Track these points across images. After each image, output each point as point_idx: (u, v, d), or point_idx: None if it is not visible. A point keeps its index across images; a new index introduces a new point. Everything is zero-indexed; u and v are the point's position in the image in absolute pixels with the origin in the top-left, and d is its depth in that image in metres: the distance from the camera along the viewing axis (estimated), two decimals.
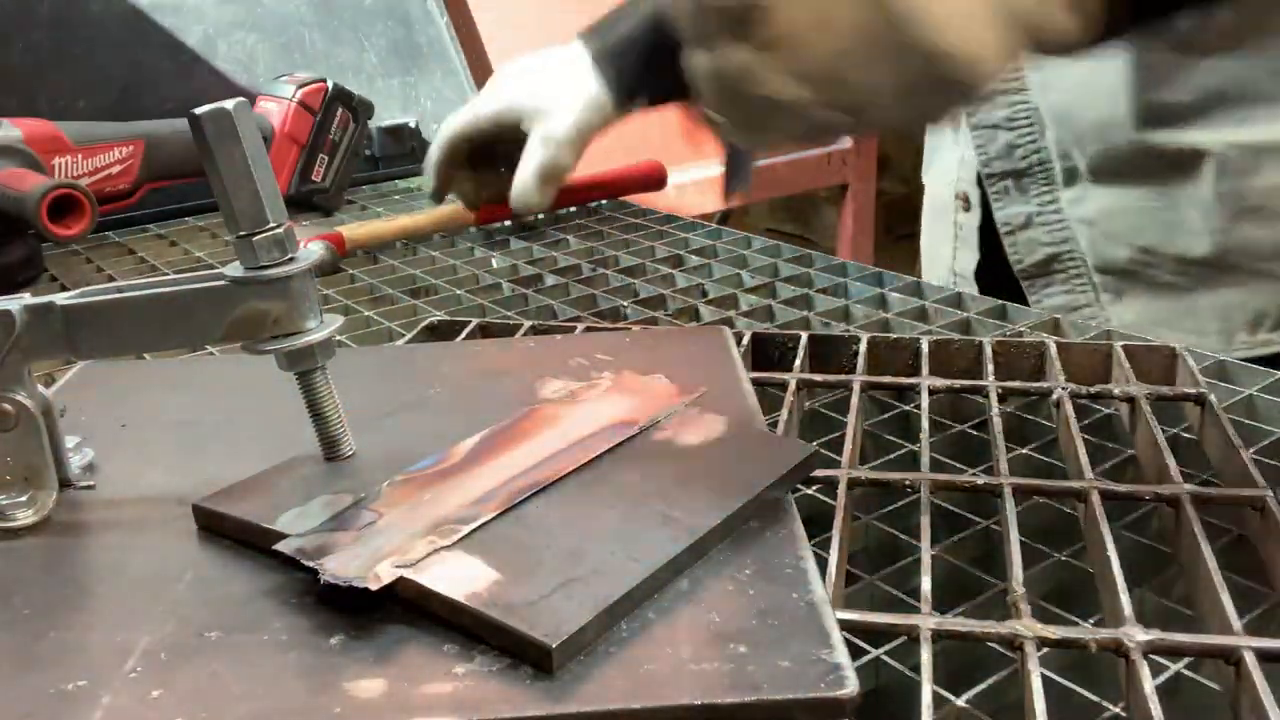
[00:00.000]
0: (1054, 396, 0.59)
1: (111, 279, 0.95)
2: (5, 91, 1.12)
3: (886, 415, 0.64)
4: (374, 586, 0.37)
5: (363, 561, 0.38)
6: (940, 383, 0.61)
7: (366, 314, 0.85)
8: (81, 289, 0.46)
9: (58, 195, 0.86)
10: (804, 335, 0.67)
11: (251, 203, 0.42)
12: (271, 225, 0.43)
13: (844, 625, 0.40)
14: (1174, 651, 0.40)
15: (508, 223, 1.08)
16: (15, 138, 0.95)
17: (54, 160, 0.99)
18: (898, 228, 2.49)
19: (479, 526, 0.40)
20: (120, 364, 0.65)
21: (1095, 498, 0.48)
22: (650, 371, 0.54)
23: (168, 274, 0.72)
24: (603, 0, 1.64)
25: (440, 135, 0.98)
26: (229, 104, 0.41)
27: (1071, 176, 0.90)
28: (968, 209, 0.99)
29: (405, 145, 1.36)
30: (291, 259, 0.43)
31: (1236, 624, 0.40)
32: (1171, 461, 0.51)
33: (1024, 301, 0.96)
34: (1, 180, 0.89)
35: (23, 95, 1.13)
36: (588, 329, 0.71)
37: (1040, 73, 0.86)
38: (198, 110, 0.41)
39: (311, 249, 0.44)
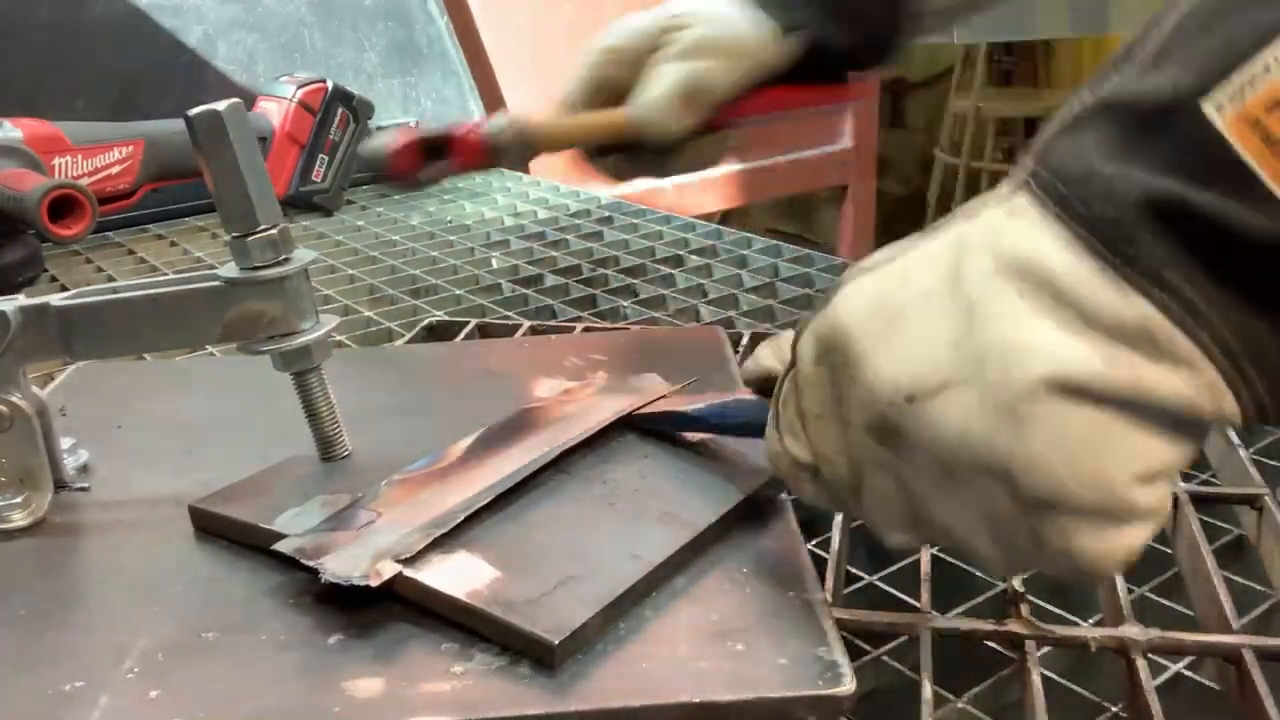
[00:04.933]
0: None
1: (111, 279, 0.95)
2: (5, 91, 1.12)
3: None
4: (375, 583, 0.36)
5: (363, 560, 0.38)
6: None
7: (366, 314, 0.85)
8: (77, 289, 0.46)
9: (58, 195, 0.86)
10: None
11: (243, 204, 0.42)
12: (265, 226, 0.43)
13: (844, 625, 0.39)
14: (1174, 651, 0.40)
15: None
16: (15, 138, 0.95)
17: (54, 160, 0.99)
18: (898, 228, 2.48)
19: (475, 513, 0.40)
20: (117, 364, 0.65)
21: None
22: (645, 371, 0.54)
23: (167, 274, 0.72)
24: (602, 1, 1.63)
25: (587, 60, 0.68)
26: (220, 105, 0.41)
27: None
28: None
29: None
30: (286, 260, 0.43)
31: (1236, 623, 0.40)
32: None
33: None
34: (1, 180, 0.89)
35: (23, 95, 1.13)
36: (587, 329, 0.71)
37: None
38: (190, 112, 0.41)
39: (303, 254, 0.44)
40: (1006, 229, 0.30)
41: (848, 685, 0.33)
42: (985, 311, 0.29)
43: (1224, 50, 0.27)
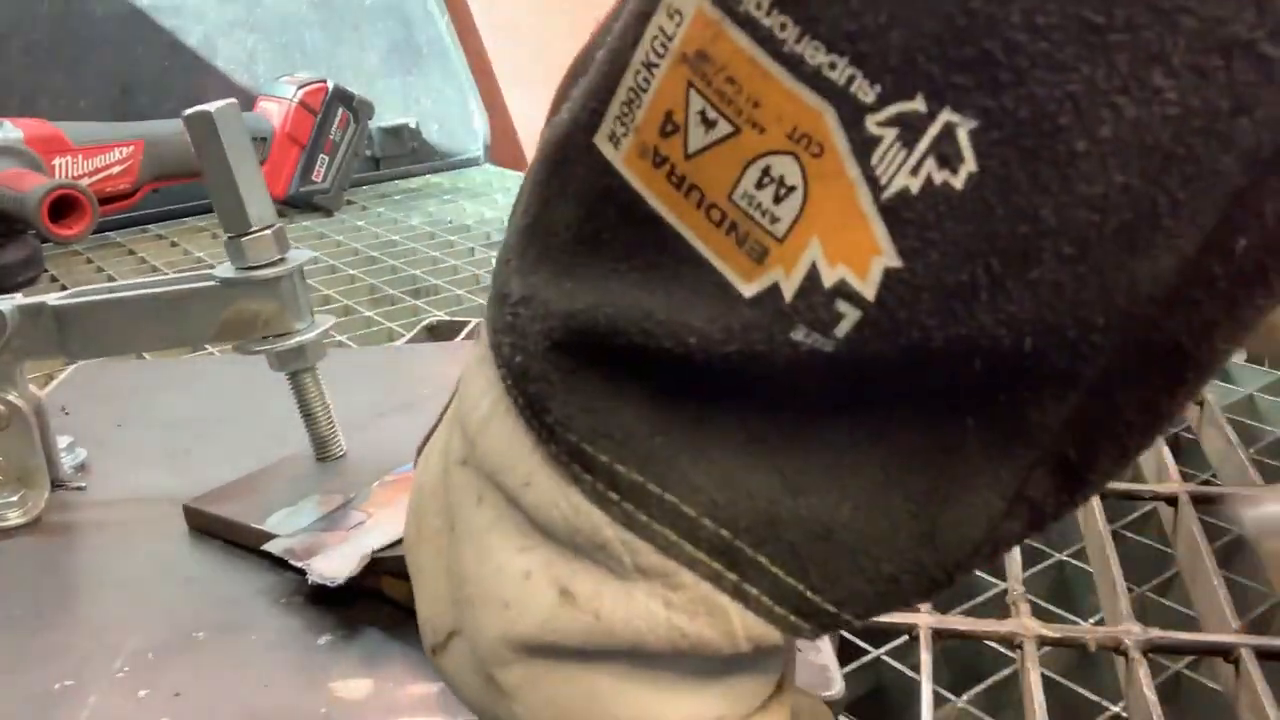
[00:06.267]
0: None
1: (112, 279, 0.95)
2: (5, 91, 1.12)
3: None
4: (354, 571, 0.36)
5: (351, 561, 0.38)
6: None
7: (366, 314, 0.85)
8: (74, 289, 0.46)
9: (58, 195, 0.86)
10: None
11: (235, 205, 0.42)
12: (259, 227, 0.42)
13: None
14: (1173, 650, 0.40)
15: None
16: (16, 138, 0.95)
17: (54, 160, 0.99)
18: None
19: None
20: (117, 363, 0.64)
21: (1094, 497, 0.48)
22: None
23: (167, 274, 0.72)
24: (601, 1, 1.62)
25: None
26: (213, 106, 0.41)
27: None
28: None
29: (405, 145, 1.36)
30: (281, 260, 0.43)
31: (1234, 622, 0.40)
32: (1171, 461, 0.51)
33: None
34: (2, 180, 0.89)
35: (23, 95, 1.13)
36: None
37: None
38: (185, 112, 0.41)
39: (298, 254, 0.44)
40: (467, 390, 0.21)
41: (837, 688, 0.33)
42: (457, 530, 0.20)
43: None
